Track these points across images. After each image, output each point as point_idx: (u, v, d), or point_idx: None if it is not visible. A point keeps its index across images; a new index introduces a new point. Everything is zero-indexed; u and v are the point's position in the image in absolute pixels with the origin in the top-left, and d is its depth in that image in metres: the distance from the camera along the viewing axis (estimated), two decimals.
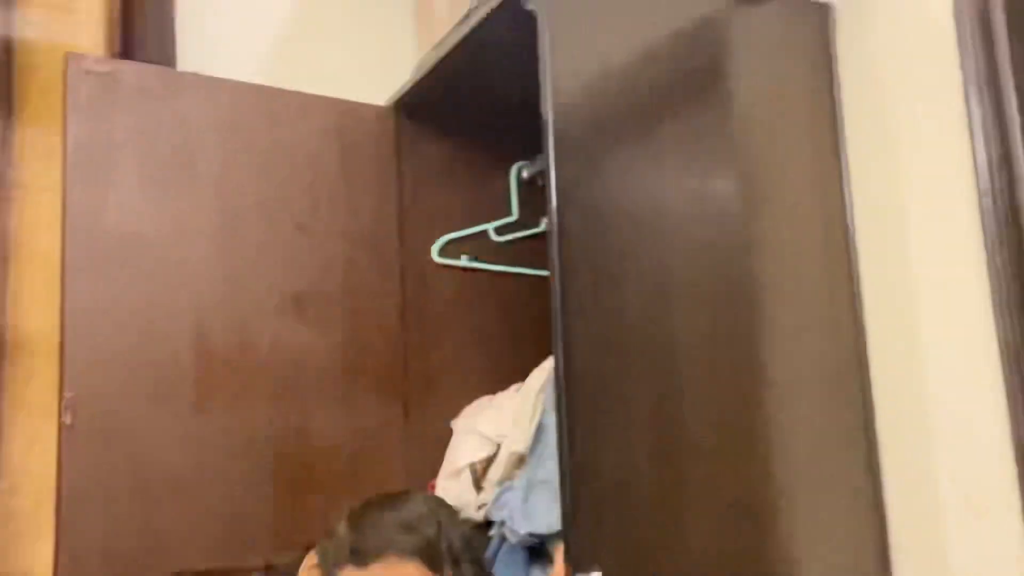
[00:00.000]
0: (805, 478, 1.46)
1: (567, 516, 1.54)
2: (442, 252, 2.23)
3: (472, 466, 1.97)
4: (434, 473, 2.08)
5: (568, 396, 1.56)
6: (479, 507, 1.94)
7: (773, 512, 1.44)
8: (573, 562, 1.53)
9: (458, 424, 2.12)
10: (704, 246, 1.51)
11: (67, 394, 1.80)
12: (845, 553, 1.46)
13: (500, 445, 1.95)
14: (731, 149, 1.51)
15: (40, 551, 1.81)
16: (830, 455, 1.49)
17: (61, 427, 1.78)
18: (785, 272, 1.53)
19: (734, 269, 1.50)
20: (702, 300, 1.50)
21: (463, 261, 2.25)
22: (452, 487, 1.99)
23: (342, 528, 1.31)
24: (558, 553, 1.57)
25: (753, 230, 1.52)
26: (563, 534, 1.56)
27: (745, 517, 1.44)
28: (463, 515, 1.97)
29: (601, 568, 1.51)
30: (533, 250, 2.29)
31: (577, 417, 1.55)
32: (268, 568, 1.36)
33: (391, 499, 1.33)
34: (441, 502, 1.34)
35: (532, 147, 1.97)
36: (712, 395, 1.46)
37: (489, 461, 1.96)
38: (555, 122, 1.63)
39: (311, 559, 1.33)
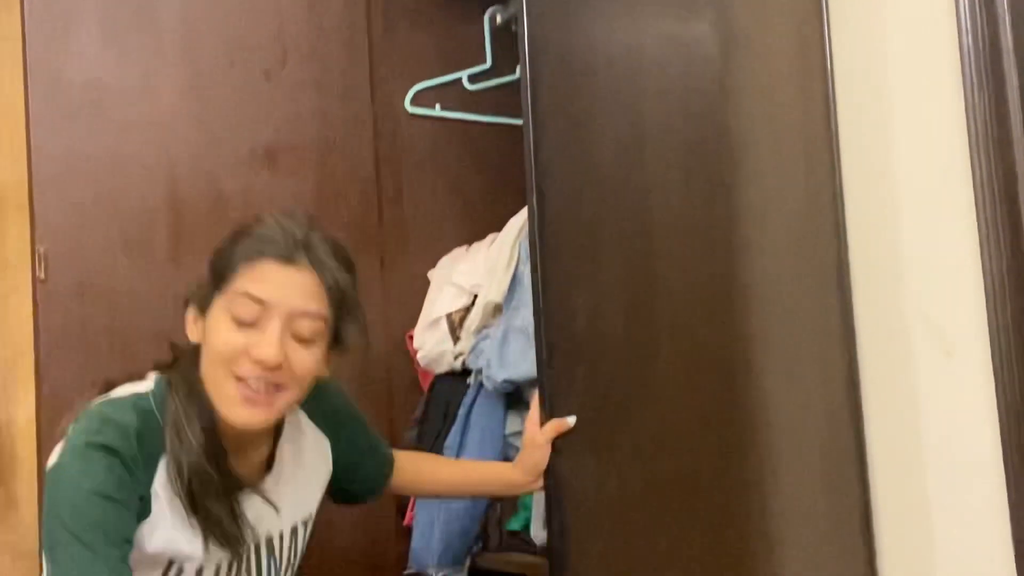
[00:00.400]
0: (777, 324, 1.47)
1: (541, 363, 1.55)
2: (415, 101, 2.18)
3: (449, 316, 1.98)
4: (412, 324, 2.09)
5: (542, 245, 1.55)
6: (456, 356, 1.96)
7: (745, 359, 1.46)
8: (548, 407, 1.56)
9: (434, 275, 2.12)
10: (680, 92, 1.48)
11: (39, 248, 1.78)
12: (815, 396, 1.49)
13: (476, 295, 1.95)
14: None
15: (22, 400, 1.82)
16: (803, 300, 1.50)
17: (35, 281, 1.78)
18: (762, 117, 1.50)
19: (710, 115, 1.47)
20: (677, 147, 1.48)
21: (436, 110, 2.21)
22: (430, 337, 2.01)
23: (205, 271, 1.32)
24: (534, 399, 1.59)
25: (730, 74, 1.49)
26: (538, 380, 1.58)
27: (716, 365, 1.45)
28: (441, 363, 1.99)
29: (575, 414, 1.53)
30: (508, 98, 2.24)
31: (551, 266, 1.55)
32: (172, 347, 1.37)
33: (238, 227, 1.34)
34: (292, 213, 1.34)
35: None
36: (685, 243, 1.45)
37: (466, 311, 1.97)
38: None
39: (190, 313, 1.34)
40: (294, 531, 1.42)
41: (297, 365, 1.27)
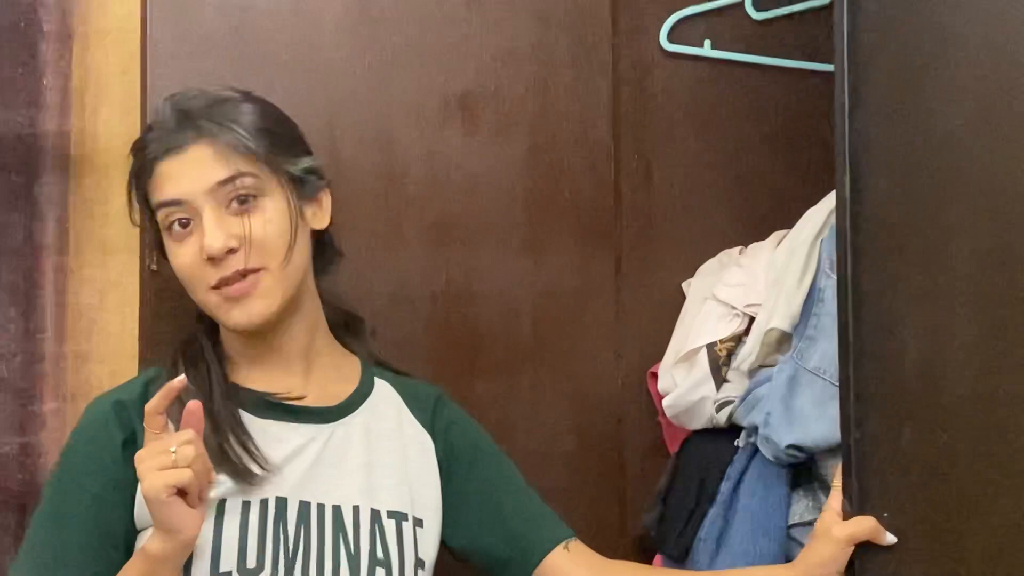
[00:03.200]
0: None
1: (848, 423, 1.53)
2: (674, 36, 2.19)
3: (712, 348, 1.97)
4: (656, 356, 2.10)
5: (855, 250, 1.54)
6: (720, 406, 1.95)
7: None
8: (856, 489, 1.53)
9: (692, 287, 2.12)
10: None
11: None
12: None
13: (752, 319, 1.94)
14: None
15: None
16: None
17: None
18: None
19: None
20: None
21: (705, 49, 2.21)
22: (683, 377, 2.01)
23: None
24: (836, 475, 1.57)
25: None
26: (842, 449, 1.55)
27: None
28: (699, 416, 1.99)
29: (894, 508, 1.49)
30: (811, 33, 2.22)
31: (868, 281, 1.53)
32: None
33: (132, 144, 1.68)
34: (182, 92, 1.66)
35: None
36: None
37: (736, 341, 1.97)
38: None
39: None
40: (375, 517, 1.62)
41: (251, 234, 1.56)
